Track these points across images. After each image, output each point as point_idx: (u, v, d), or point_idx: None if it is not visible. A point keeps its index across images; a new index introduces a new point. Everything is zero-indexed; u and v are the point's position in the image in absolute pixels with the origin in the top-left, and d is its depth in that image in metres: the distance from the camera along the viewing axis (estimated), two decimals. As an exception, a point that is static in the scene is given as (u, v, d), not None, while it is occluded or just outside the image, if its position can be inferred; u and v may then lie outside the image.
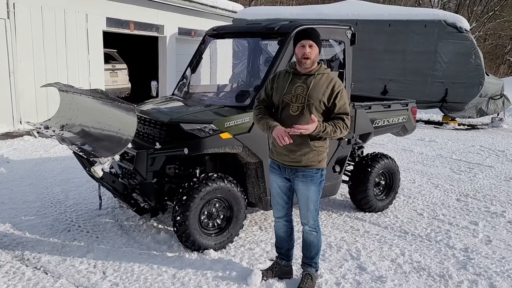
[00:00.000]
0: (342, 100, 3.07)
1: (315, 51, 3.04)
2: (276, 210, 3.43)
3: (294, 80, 3.12)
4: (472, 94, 12.05)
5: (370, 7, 13.65)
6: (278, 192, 3.34)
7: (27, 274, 3.45)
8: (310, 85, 3.05)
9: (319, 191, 3.23)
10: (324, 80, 3.08)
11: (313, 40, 3.02)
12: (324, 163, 3.22)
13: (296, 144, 3.07)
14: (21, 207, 4.86)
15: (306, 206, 3.25)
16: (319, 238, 3.39)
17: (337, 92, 3.06)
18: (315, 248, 3.41)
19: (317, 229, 3.35)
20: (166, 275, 3.51)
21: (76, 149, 3.59)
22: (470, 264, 3.93)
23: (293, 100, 3.08)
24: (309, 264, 3.45)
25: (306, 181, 3.17)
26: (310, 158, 3.12)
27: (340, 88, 3.08)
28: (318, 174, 3.19)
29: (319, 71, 3.10)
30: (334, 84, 3.07)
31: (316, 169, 3.17)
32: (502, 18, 29.89)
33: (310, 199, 3.22)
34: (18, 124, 9.44)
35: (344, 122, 3.06)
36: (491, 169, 7.60)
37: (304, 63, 3.04)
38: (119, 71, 13.79)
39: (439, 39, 12.13)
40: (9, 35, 9.08)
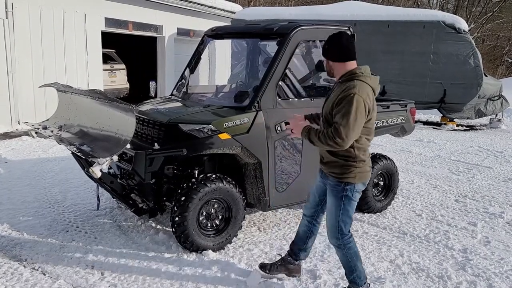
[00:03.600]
0: (338, 107, 2.80)
1: (326, 63, 3.04)
2: (305, 207, 3.40)
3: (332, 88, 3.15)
4: (471, 95, 12.07)
5: (369, 8, 13.67)
6: (315, 190, 3.29)
7: (25, 275, 3.44)
8: (329, 95, 3.04)
9: (339, 206, 2.99)
10: (340, 88, 2.90)
11: (325, 57, 3.03)
12: (350, 179, 2.95)
13: (323, 151, 3.04)
14: (19, 207, 4.85)
15: (327, 220, 3.13)
16: (348, 258, 3.13)
17: (339, 99, 2.82)
18: (346, 266, 3.19)
19: (342, 246, 3.10)
20: (165, 276, 3.50)
21: (74, 150, 3.59)
22: (469, 265, 3.93)
23: (322, 109, 3.14)
24: (349, 281, 3.25)
25: (329, 190, 3.06)
26: (332, 168, 3.00)
27: (344, 95, 2.80)
28: (340, 188, 2.97)
29: (342, 78, 2.96)
30: (343, 91, 2.83)
31: (338, 181, 2.97)
32: (501, 19, 29.98)
33: (330, 211, 3.08)
34: (16, 124, 9.42)
35: (331, 131, 2.77)
36: (489, 170, 7.61)
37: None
38: (117, 71, 13.78)
39: (437, 40, 12.14)
40: (8, 35, 9.06)
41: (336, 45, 2.97)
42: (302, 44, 4.39)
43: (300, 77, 4.67)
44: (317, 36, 4.44)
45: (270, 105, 4.05)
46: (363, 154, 2.97)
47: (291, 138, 4.15)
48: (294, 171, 4.31)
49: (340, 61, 2.96)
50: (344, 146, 2.78)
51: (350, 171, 2.94)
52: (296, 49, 4.20)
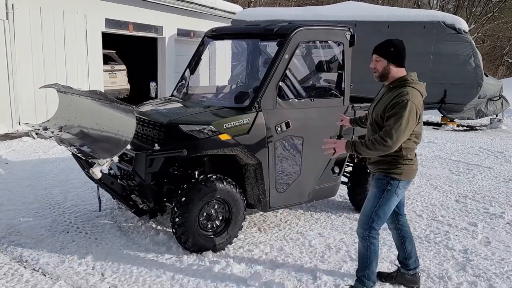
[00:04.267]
0: (391, 112, 2.90)
1: (380, 64, 3.07)
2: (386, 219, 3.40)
3: (381, 92, 3.22)
4: (471, 95, 12.06)
5: (369, 9, 13.67)
6: None
7: (25, 276, 3.44)
8: (380, 99, 3.11)
9: (380, 197, 3.09)
10: (393, 93, 2.99)
11: (377, 54, 3.07)
12: (396, 175, 3.06)
13: None
14: (19, 208, 4.85)
15: (363, 209, 3.21)
16: (367, 253, 3.17)
17: (392, 104, 2.92)
18: (361, 260, 3.24)
19: (366, 239, 3.15)
20: (165, 277, 3.50)
21: (74, 150, 3.58)
22: (470, 266, 3.93)
23: (369, 112, 3.23)
24: (357, 278, 3.29)
25: (375, 183, 3.17)
26: (380, 165, 3.13)
27: (397, 101, 2.89)
28: (385, 181, 3.08)
29: (396, 83, 3.04)
30: (396, 96, 2.93)
31: (385, 175, 3.09)
32: (501, 19, 29.97)
33: (368, 201, 3.16)
34: (17, 125, 9.43)
35: (380, 136, 2.89)
36: (490, 170, 7.60)
37: (374, 76, 3.13)
38: (118, 72, 13.78)
39: (438, 40, 12.13)
40: (8, 36, 9.07)
41: (399, 50, 3.08)
42: (302, 44, 4.39)
43: (300, 78, 4.68)
44: (317, 37, 4.44)
45: (271, 106, 4.05)
46: (410, 154, 3.09)
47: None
48: (295, 171, 4.31)
49: (399, 66, 3.07)
50: (393, 148, 2.91)
51: (397, 167, 3.07)
52: (296, 50, 4.20)
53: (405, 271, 3.49)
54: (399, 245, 3.47)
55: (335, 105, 4.53)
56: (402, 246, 3.44)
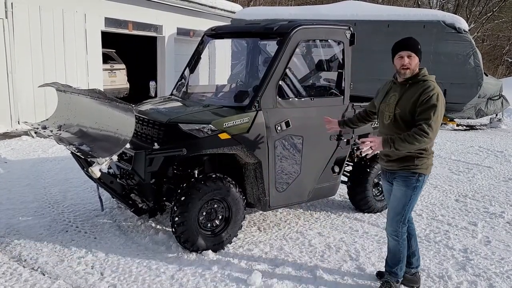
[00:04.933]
0: (426, 105, 2.92)
1: (414, 61, 3.07)
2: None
3: (392, 89, 3.20)
4: (471, 95, 12.04)
5: (369, 8, 13.65)
6: (387, 197, 3.39)
7: (24, 275, 3.43)
8: (402, 95, 3.08)
9: (410, 195, 3.14)
10: (417, 87, 3.02)
11: (411, 51, 3.06)
12: (423, 170, 3.11)
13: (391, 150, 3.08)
14: (18, 207, 4.84)
15: (393, 208, 3.24)
16: (400, 249, 3.27)
17: (425, 98, 2.94)
18: (394, 256, 3.32)
19: (399, 237, 3.24)
20: (165, 276, 3.49)
21: (74, 150, 3.58)
22: (470, 265, 3.92)
23: (386, 109, 3.17)
24: (389, 273, 3.37)
25: (401, 182, 3.17)
26: (404, 162, 3.12)
27: (428, 94, 2.94)
28: (414, 179, 3.12)
29: (414, 79, 3.07)
30: (424, 90, 2.97)
31: (412, 172, 3.11)
32: (501, 19, 29.96)
33: (397, 199, 3.19)
34: (16, 124, 9.41)
35: (420, 129, 2.88)
36: (489, 170, 7.60)
37: (404, 74, 3.08)
38: (117, 71, 13.77)
39: (437, 40, 12.12)
40: (7, 35, 9.05)
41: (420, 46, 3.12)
42: (302, 43, 4.38)
43: (300, 77, 4.67)
44: (317, 36, 4.44)
45: (270, 105, 4.04)
46: (431, 147, 3.15)
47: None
48: (294, 171, 4.30)
49: (420, 61, 3.11)
50: (433, 139, 2.95)
51: (423, 162, 3.10)
52: (296, 49, 4.19)
53: (407, 269, 3.48)
54: None
55: (335, 104, 4.52)
56: (408, 243, 3.43)
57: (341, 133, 4.56)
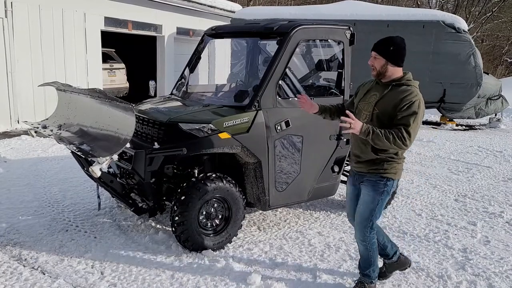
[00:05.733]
0: (407, 112, 2.87)
1: (379, 62, 3.01)
2: (350, 218, 3.45)
3: (373, 89, 3.13)
4: (470, 95, 12.05)
5: (369, 8, 13.65)
6: (350, 198, 3.38)
7: (24, 274, 3.43)
8: (382, 95, 3.02)
9: (377, 201, 3.09)
10: (399, 92, 2.97)
11: (376, 51, 3.02)
12: (392, 174, 3.07)
13: (362, 151, 3.11)
14: (18, 207, 4.84)
15: (360, 213, 3.18)
16: (370, 253, 3.25)
17: (405, 104, 2.89)
18: (365, 261, 3.31)
19: (366, 241, 3.21)
20: (164, 276, 3.50)
21: (74, 149, 3.58)
22: (469, 265, 3.93)
23: (365, 108, 3.12)
24: (362, 275, 3.37)
25: (368, 186, 3.13)
26: (373, 165, 3.08)
27: (411, 101, 2.89)
28: (382, 183, 3.07)
29: (399, 81, 3.02)
30: (406, 95, 2.92)
31: (381, 177, 3.07)
32: (500, 19, 29.96)
33: (365, 206, 3.14)
34: (16, 123, 9.41)
35: (401, 134, 2.83)
36: (489, 170, 7.61)
37: (372, 73, 3.08)
38: (117, 71, 13.77)
39: (437, 40, 12.12)
40: (7, 34, 9.05)
41: (399, 49, 3.03)
42: (302, 43, 4.39)
43: (300, 77, 4.68)
44: (317, 36, 4.44)
45: (270, 105, 4.04)
46: (402, 153, 3.11)
47: None
48: (294, 170, 4.30)
49: (399, 66, 3.03)
50: (408, 147, 2.89)
51: (393, 167, 3.07)
52: (296, 49, 4.20)
53: (389, 260, 3.52)
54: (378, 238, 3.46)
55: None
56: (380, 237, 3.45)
57: (341, 133, 4.57)
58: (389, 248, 3.48)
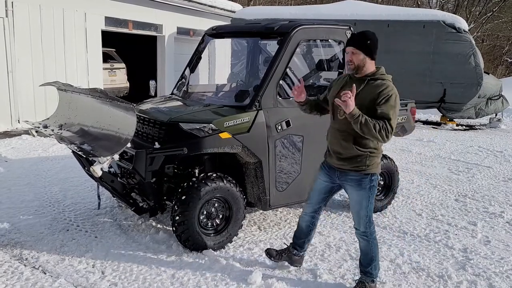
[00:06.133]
0: (386, 106, 2.92)
1: (357, 57, 3.04)
2: (308, 205, 3.48)
3: (348, 84, 3.13)
4: (471, 95, 12.06)
5: (369, 8, 13.66)
6: (319, 189, 3.39)
7: (25, 274, 3.44)
8: (359, 91, 3.02)
9: (368, 197, 3.16)
10: (375, 86, 3.01)
11: (354, 46, 3.04)
12: (374, 169, 3.13)
13: (343, 147, 3.12)
14: (19, 206, 4.85)
15: (356, 212, 3.24)
16: (373, 249, 3.29)
17: (383, 97, 2.94)
18: (367, 256, 3.32)
19: (369, 237, 3.27)
20: (165, 275, 3.50)
21: (75, 149, 3.58)
22: (469, 265, 3.93)
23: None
24: (364, 272, 3.37)
25: (355, 185, 3.16)
26: (356, 162, 3.10)
27: (387, 94, 2.95)
28: (367, 180, 3.12)
29: (373, 76, 3.06)
30: (383, 89, 2.96)
31: (365, 174, 3.11)
32: (500, 19, 29.97)
33: (358, 204, 3.20)
34: (16, 123, 9.41)
35: (384, 124, 2.88)
36: (489, 170, 7.61)
37: (349, 68, 3.11)
38: (117, 70, 13.77)
39: (437, 40, 12.13)
40: (7, 33, 9.06)
41: (375, 43, 3.10)
42: (302, 43, 4.39)
43: (300, 77, 4.68)
44: (318, 36, 4.45)
45: (271, 104, 4.05)
46: (381, 146, 3.17)
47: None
48: (294, 170, 4.31)
49: (373, 59, 3.10)
50: (388, 140, 2.95)
51: (374, 162, 3.12)
52: (297, 48, 4.20)
53: (297, 252, 3.61)
54: (307, 231, 3.56)
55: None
56: (309, 232, 3.57)
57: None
58: (308, 244, 3.64)
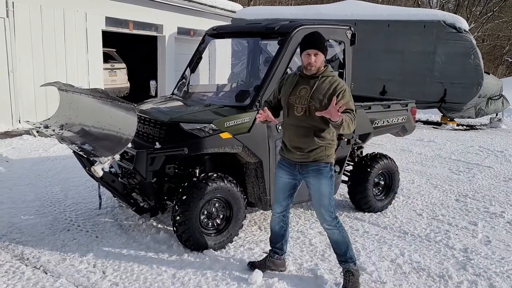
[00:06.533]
0: (344, 99, 3.07)
1: (320, 59, 3.14)
2: (277, 206, 3.51)
3: (300, 83, 3.22)
4: (471, 95, 12.06)
5: (369, 8, 13.66)
6: (282, 188, 3.43)
7: (26, 274, 3.44)
8: (314, 87, 3.14)
9: (330, 185, 3.27)
10: (328, 82, 3.16)
11: (318, 49, 3.11)
12: (332, 158, 3.28)
13: (304, 142, 3.19)
14: (20, 206, 4.85)
15: (319, 203, 3.30)
16: (344, 234, 3.39)
17: (339, 92, 3.09)
18: (343, 245, 3.40)
19: (338, 225, 3.36)
20: (166, 275, 3.51)
21: (76, 149, 3.59)
22: (470, 265, 3.94)
23: (297, 102, 3.19)
24: (345, 261, 3.44)
25: (316, 175, 3.25)
26: (318, 153, 3.21)
27: (343, 89, 3.12)
28: (327, 168, 3.25)
29: (324, 73, 3.18)
30: (337, 85, 3.13)
31: (325, 163, 3.24)
32: (501, 19, 29.94)
33: (322, 194, 3.27)
34: (17, 123, 9.42)
35: (352, 116, 3.07)
36: (490, 170, 7.61)
37: (309, 70, 3.16)
38: (118, 71, 13.78)
39: (438, 40, 12.13)
40: (8, 34, 9.07)
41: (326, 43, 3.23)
42: None
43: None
44: (318, 36, 4.43)
45: (271, 104, 4.04)
46: (335, 137, 3.33)
47: None
48: (295, 170, 4.31)
49: (326, 56, 3.22)
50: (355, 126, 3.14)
51: (331, 152, 3.29)
52: (297, 49, 4.20)
53: (279, 256, 3.62)
54: (281, 232, 3.57)
55: (336, 104, 4.53)
56: (284, 233, 3.57)
57: (341, 133, 4.56)
58: (286, 245, 3.66)
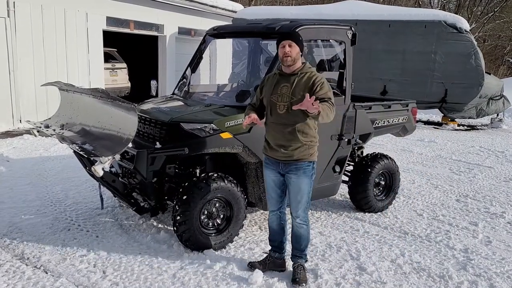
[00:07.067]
0: (323, 90, 3.19)
1: (295, 50, 3.22)
2: (270, 204, 3.57)
3: (280, 81, 3.32)
4: (472, 95, 12.05)
5: (370, 8, 13.65)
6: (272, 186, 3.49)
7: (27, 273, 3.45)
8: (294, 84, 3.23)
9: (310, 183, 3.38)
10: (307, 78, 3.25)
11: (292, 40, 3.21)
12: (315, 157, 3.37)
13: (287, 140, 3.26)
14: (20, 206, 4.86)
15: (296, 199, 3.38)
16: (309, 231, 3.56)
17: (317, 85, 3.19)
18: (305, 241, 3.56)
19: (307, 222, 3.51)
20: (166, 275, 3.51)
21: (76, 148, 3.59)
22: (470, 265, 3.93)
23: (279, 100, 3.28)
24: (300, 256, 3.58)
25: (298, 173, 3.32)
26: (301, 152, 3.28)
27: (320, 81, 3.22)
28: (310, 167, 3.35)
29: (302, 70, 3.28)
30: (315, 79, 3.22)
31: (308, 161, 3.32)
32: (502, 19, 29.93)
33: (301, 191, 3.35)
34: (18, 122, 9.43)
35: (330, 104, 3.16)
36: (490, 170, 7.60)
37: (285, 61, 3.22)
38: (118, 70, 13.79)
39: (439, 40, 12.12)
40: (9, 33, 9.07)
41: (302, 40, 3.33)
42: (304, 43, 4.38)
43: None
44: (319, 36, 4.45)
45: (272, 105, 4.04)
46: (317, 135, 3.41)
47: None
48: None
49: (302, 51, 3.31)
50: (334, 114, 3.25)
51: (314, 150, 3.37)
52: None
53: (279, 255, 3.66)
54: (280, 229, 3.62)
55: (336, 104, 4.50)
56: (282, 230, 3.63)
57: (342, 133, 4.57)
58: (286, 243, 3.70)
